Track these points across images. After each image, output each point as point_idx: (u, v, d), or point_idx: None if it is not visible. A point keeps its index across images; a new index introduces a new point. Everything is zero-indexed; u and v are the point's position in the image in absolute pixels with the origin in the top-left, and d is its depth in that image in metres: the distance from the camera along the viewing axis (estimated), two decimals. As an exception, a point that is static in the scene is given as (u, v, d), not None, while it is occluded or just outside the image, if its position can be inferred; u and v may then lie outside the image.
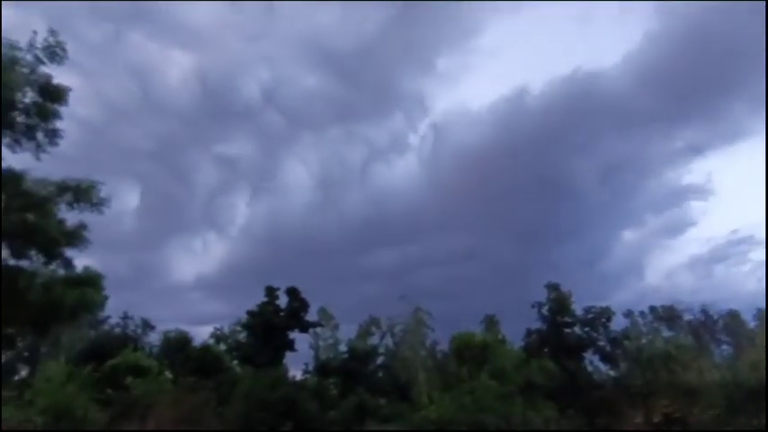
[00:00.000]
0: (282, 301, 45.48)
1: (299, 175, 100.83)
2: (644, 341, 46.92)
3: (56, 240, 14.36)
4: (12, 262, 14.40)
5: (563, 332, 45.32)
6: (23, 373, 38.55)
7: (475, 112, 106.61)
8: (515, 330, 42.83)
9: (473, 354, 21.53)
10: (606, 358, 46.09)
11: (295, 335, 44.11)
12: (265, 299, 44.45)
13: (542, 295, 47.16)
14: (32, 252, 14.54)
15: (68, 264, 15.16)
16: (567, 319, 46.33)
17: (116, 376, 22.21)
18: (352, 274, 75.74)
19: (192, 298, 71.12)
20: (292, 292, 44.69)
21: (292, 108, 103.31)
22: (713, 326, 58.43)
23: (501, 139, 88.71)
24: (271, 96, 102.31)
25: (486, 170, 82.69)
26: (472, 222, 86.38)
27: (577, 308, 47.02)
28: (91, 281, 15.71)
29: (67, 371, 22.15)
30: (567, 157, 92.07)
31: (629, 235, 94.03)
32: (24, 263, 14.60)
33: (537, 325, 46.99)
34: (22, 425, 14.74)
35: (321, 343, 51.47)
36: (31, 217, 13.81)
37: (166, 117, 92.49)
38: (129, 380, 21.00)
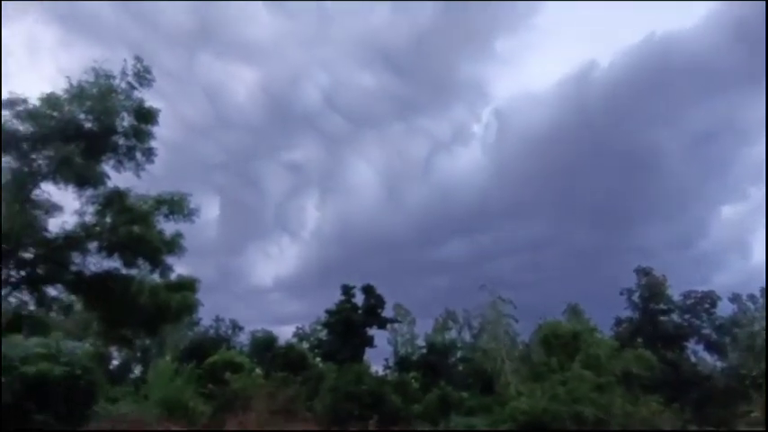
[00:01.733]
0: (359, 298, 46.79)
1: (364, 174, 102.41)
2: (756, 327, 41.85)
3: (158, 249, 15.85)
4: (123, 271, 16.12)
5: (659, 320, 41.78)
6: (137, 371, 43.18)
7: (539, 93, 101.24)
8: (601, 320, 40.18)
9: (562, 343, 20.47)
10: (712, 347, 41.76)
11: (373, 331, 45.17)
12: (342, 297, 45.93)
13: (631, 281, 43.84)
14: (139, 261, 16.15)
15: (169, 270, 16.67)
16: (663, 306, 42.65)
17: (215, 372, 24.06)
18: (424, 268, 75.45)
19: (272, 299, 75.11)
20: (368, 290, 45.65)
21: (352, 109, 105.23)
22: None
23: (569, 118, 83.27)
24: (331, 99, 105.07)
25: (555, 152, 78.29)
26: (545, 208, 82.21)
27: (674, 293, 43.21)
28: (189, 285, 17.16)
29: (174, 367, 24.33)
30: (647, 130, 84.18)
31: (728, 210, 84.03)
32: (133, 271, 16.27)
33: (627, 313, 43.94)
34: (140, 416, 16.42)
35: (399, 338, 52.11)
36: (136, 230, 15.35)
37: (236, 130, 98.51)
38: (227, 375, 22.64)
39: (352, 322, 43.23)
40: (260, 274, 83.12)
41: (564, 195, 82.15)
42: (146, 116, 15.74)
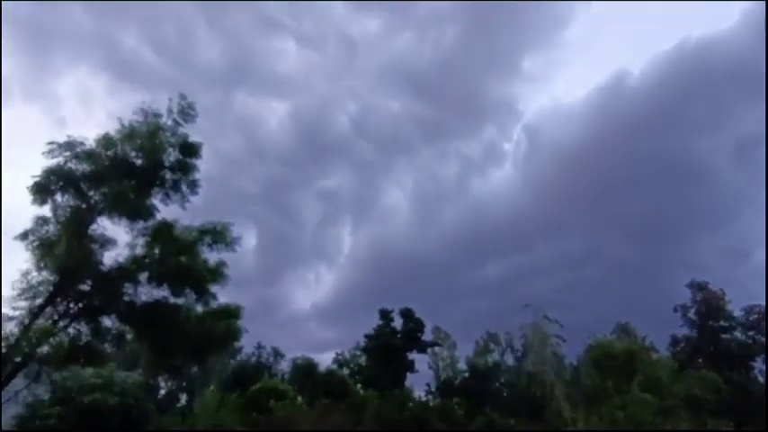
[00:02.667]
0: (397, 322, 46.22)
1: (396, 198, 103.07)
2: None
3: (204, 278, 16.35)
4: (171, 300, 16.65)
5: (720, 338, 38.94)
6: (183, 400, 43.93)
7: (569, 106, 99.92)
8: (654, 339, 37.73)
9: (616, 364, 19.22)
10: (782, 366, 38.38)
11: (413, 355, 44.32)
12: (381, 321, 45.51)
13: (684, 296, 41.28)
14: (186, 290, 16.67)
15: (213, 298, 17.08)
16: (724, 323, 39.80)
17: (258, 400, 24.18)
18: (462, 291, 74.20)
19: (310, 326, 75.46)
20: (407, 314, 45.09)
21: (382, 135, 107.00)
22: None
23: (602, 130, 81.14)
24: (360, 127, 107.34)
25: (590, 166, 76.15)
26: (583, 224, 79.58)
27: (734, 308, 40.30)
28: (233, 313, 17.50)
29: (219, 397, 24.64)
30: (687, 137, 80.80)
31: (787, 216, 78.27)
32: (180, 300, 16.79)
33: (683, 331, 41.19)
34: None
35: (440, 362, 50.85)
36: (183, 260, 15.92)
37: (270, 161, 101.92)
38: (272, 403, 22.68)
39: (391, 347, 42.63)
40: (298, 301, 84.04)
41: (601, 210, 79.52)
42: (190, 150, 16.56)
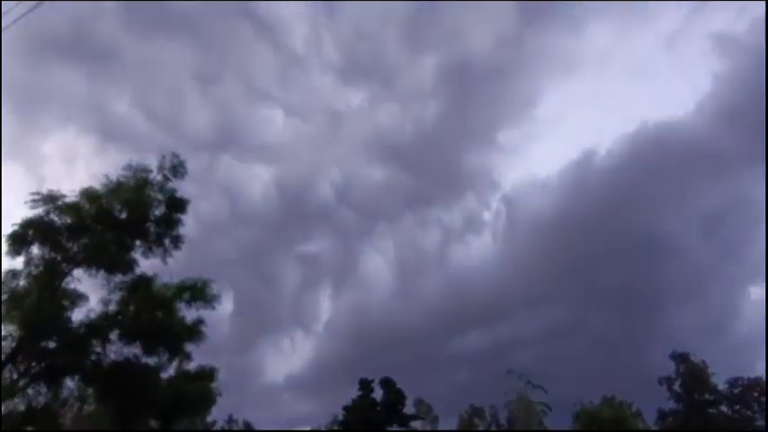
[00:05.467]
0: (377, 393, 44.10)
1: (377, 265, 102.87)
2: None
3: (180, 336, 15.69)
4: (142, 360, 15.79)
5: (707, 413, 38.17)
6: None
7: (544, 180, 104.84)
8: (644, 415, 36.72)
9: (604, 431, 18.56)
10: (772, 442, 37.42)
11: (393, 429, 41.82)
12: (360, 392, 43.36)
13: (665, 368, 40.93)
14: (159, 349, 15.89)
15: (188, 358, 16.30)
16: (709, 397, 39.24)
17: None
18: (444, 361, 71.88)
19: (285, 398, 71.21)
20: (387, 384, 43.19)
21: (364, 203, 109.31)
22: None
23: (576, 203, 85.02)
24: (343, 195, 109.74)
25: (566, 238, 78.32)
26: (563, 295, 79.86)
27: (717, 381, 39.97)
28: (207, 375, 16.64)
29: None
30: (655, 212, 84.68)
31: (757, 291, 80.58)
32: (152, 360, 15.94)
33: (669, 404, 40.30)
34: None
35: (422, 439, 47.97)
36: (159, 316, 15.37)
37: (252, 226, 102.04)
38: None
39: (371, 420, 40.32)
40: (272, 371, 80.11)
41: (579, 281, 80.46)
42: (177, 205, 16.61)
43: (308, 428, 46.48)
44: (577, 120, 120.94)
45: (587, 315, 75.38)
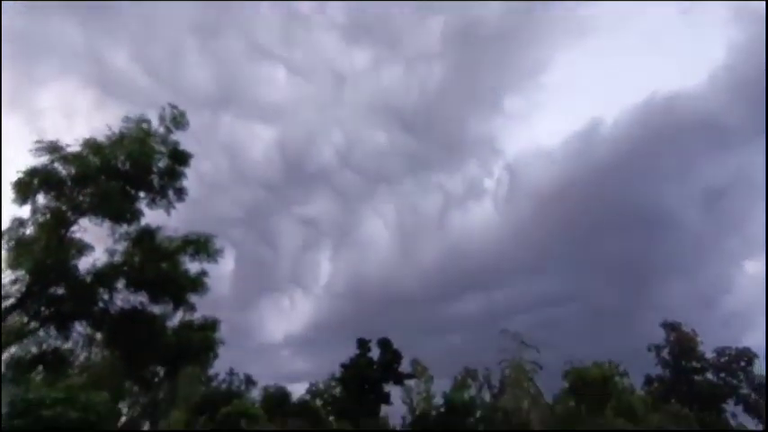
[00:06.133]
0: (374, 353, 45.41)
1: (377, 229, 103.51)
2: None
3: (183, 287, 16.10)
4: (148, 309, 16.27)
5: (693, 379, 39.43)
6: (146, 428, 41.72)
7: (549, 149, 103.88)
8: (632, 382, 37.98)
9: (592, 389, 19.36)
10: (751, 409, 38.89)
11: (389, 387, 43.37)
12: (358, 351, 44.66)
13: (657, 337, 41.96)
14: (164, 299, 16.34)
15: (192, 309, 16.78)
16: (696, 364, 40.41)
17: (229, 422, 23.27)
18: (438, 325, 73.61)
19: (283, 356, 73.32)
20: (384, 344, 44.43)
21: (366, 166, 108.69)
22: None
23: (579, 174, 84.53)
24: (345, 157, 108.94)
25: (567, 208, 78.51)
26: (560, 263, 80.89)
27: (705, 350, 41.06)
28: (210, 326, 17.17)
29: (185, 418, 23.62)
30: (657, 185, 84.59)
31: (752, 265, 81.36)
32: (157, 309, 16.43)
33: (657, 371, 41.58)
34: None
35: (415, 397, 49.79)
36: (164, 267, 15.71)
37: (253, 185, 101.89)
38: (242, 422, 21.90)
39: (367, 378, 41.74)
40: (272, 329, 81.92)
41: (578, 251, 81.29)
42: (180, 158, 16.66)
43: (307, 384, 47.97)
44: (586, 88, 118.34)
45: (583, 284, 76.59)
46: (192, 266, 17.25)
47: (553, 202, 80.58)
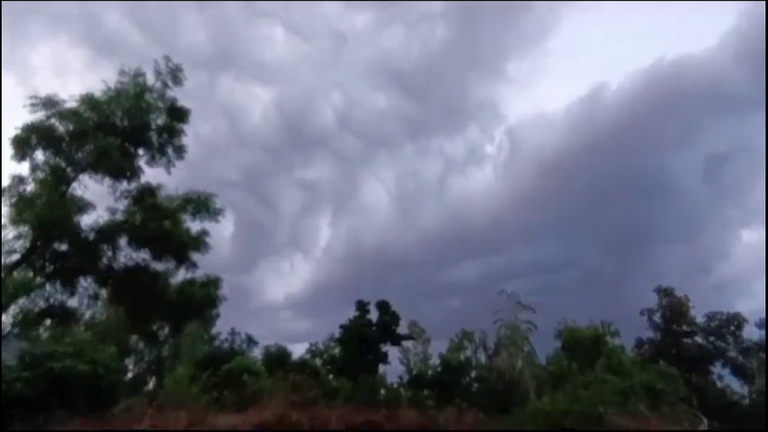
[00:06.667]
0: (373, 315, 46.47)
1: (377, 193, 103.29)
2: (786, 351, 40.24)
3: (185, 245, 16.31)
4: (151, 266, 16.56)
5: (682, 342, 40.48)
6: (151, 384, 43.24)
7: (551, 114, 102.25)
8: (622, 342, 39.10)
9: (583, 348, 20.10)
10: (738, 371, 40.19)
11: (387, 348, 44.66)
12: (357, 313, 45.71)
13: (651, 303, 42.79)
14: (166, 257, 16.60)
15: (195, 266, 17.06)
16: (686, 328, 41.38)
17: (231, 377, 24.10)
18: (437, 289, 74.70)
19: (283, 317, 74.77)
20: (383, 306, 45.40)
21: (366, 129, 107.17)
22: None
23: (581, 140, 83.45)
24: (345, 120, 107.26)
25: (568, 174, 78.25)
26: (559, 229, 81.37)
27: (697, 315, 41.97)
28: (212, 283, 17.49)
29: (191, 374, 24.43)
30: (659, 152, 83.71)
31: (750, 234, 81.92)
32: (161, 266, 16.73)
33: (648, 334, 42.70)
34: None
35: (412, 357, 51.34)
36: (166, 225, 15.85)
37: (251, 149, 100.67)
38: (245, 376, 22.71)
39: (366, 338, 42.84)
40: (272, 291, 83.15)
41: (577, 218, 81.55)
42: (178, 114, 16.50)
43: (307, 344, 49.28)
44: (592, 53, 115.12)
45: (581, 250, 77.40)
46: (194, 226, 17.50)
47: (553, 168, 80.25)
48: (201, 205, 17.11)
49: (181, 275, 17.26)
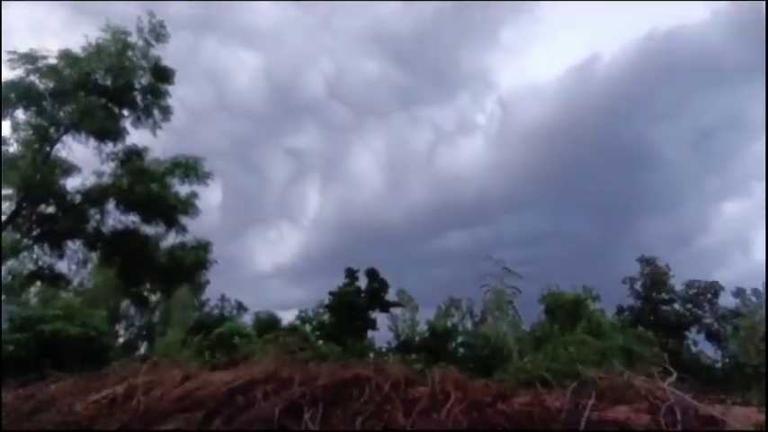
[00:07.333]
0: (362, 283, 47.16)
1: (366, 162, 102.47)
2: (758, 318, 42.09)
3: (174, 208, 16.21)
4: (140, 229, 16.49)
5: (661, 309, 42.01)
6: (143, 349, 43.79)
7: (543, 84, 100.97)
8: (605, 310, 40.41)
9: (565, 311, 20.90)
10: (713, 337, 42.01)
11: (376, 315, 45.60)
12: (346, 280, 46.35)
13: (634, 272, 44.05)
14: (156, 220, 16.53)
15: (184, 230, 17.04)
16: (665, 296, 42.85)
17: (223, 341, 24.49)
18: (425, 259, 75.41)
19: (273, 285, 75.14)
20: (372, 274, 46.05)
21: (356, 97, 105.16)
22: None
23: (572, 111, 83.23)
24: (334, 87, 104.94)
25: (558, 145, 78.37)
26: (548, 200, 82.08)
27: (677, 284, 43.40)
28: (202, 246, 17.53)
29: (182, 338, 24.78)
30: (650, 124, 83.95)
31: (731, 206, 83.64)
32: (150, 230, 16.68)
33: (630, 302, 44.18)
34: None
35: (400, 324, 52.58)
36: (154, 188, 15.68)
37: (239, 116, 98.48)
38: (236, 339, 23.11)
39: (355, 305, 43.63)
40: (261, 260, 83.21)
41: (566, 189, 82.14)
42: (162, 74, 16.03)
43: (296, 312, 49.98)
44: (587, 22, 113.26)
45: (568, 221, 78.36)
46: (182, 190, 17.36)
47: (543, 138, 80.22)
48: (190, 169, 16.90)
49: (171, 239, 17.23)
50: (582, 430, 4.82)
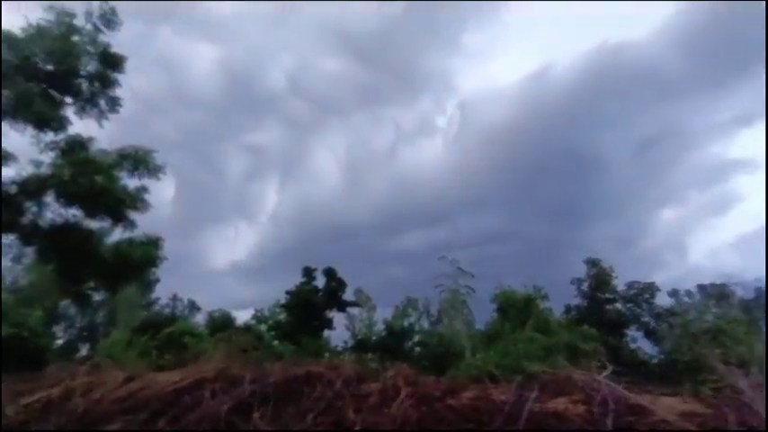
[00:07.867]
0: (320, 282, 46.83)
1: (326, 160, 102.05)
2: (690, 317, 45.59)
3: (121, 201, 15.40)
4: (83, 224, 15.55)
5: (604, 308, 44.59)
6: (84, 351, 41.33)
7: (502, 89, 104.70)
8: (555, 309, 42.33)
9: (516, 309, 21.79)
10: (650, 334, 45.07)
11: (333, 314, 45.42)
12: (303, 279, 45.85)
13: (581, 273, 46.53)
14: (101, 215, 15.65)
15: (133, 226, 16.23)
16: (609, 296, 45.54)
17: (172, 341, 23.55)
18: (383, 258, 76.04)
19: (227, 283, 73.28)
20: (329, 273, 45.85)
21: (317, 94, 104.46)
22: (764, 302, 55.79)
23: (528, 116, 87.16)
24: (295, 83, 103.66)
25: (515, 148, 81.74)
26: (503, 202, 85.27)
27: (619, 284, 46.23)
28: (152, 242, 16.77)
29: (127, 338, 23.55)
30: (598, 131, 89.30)
31: (669, 213, 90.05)
32: (94, 225, 15.76)
33: (577, 302, 46.63)
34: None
35: (357, 324, 52.62)
36: (99, 180, 14.84)
37: (195, 108, 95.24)
38: (187, 339, 22.29)
39: (312, 304, 43.30)
40: (216, 258, 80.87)
41: (521, 191, 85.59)
42: (111, 61, 15.19)
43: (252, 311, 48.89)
44: (546, 31, 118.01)
45: (522, 222, 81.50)
46: (132, 183, 16.53)
47: (501, 141, 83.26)
48: (140, 161, 16.09)
49: (117, 235, 16.37)
50: (524, 420, 5.10)
